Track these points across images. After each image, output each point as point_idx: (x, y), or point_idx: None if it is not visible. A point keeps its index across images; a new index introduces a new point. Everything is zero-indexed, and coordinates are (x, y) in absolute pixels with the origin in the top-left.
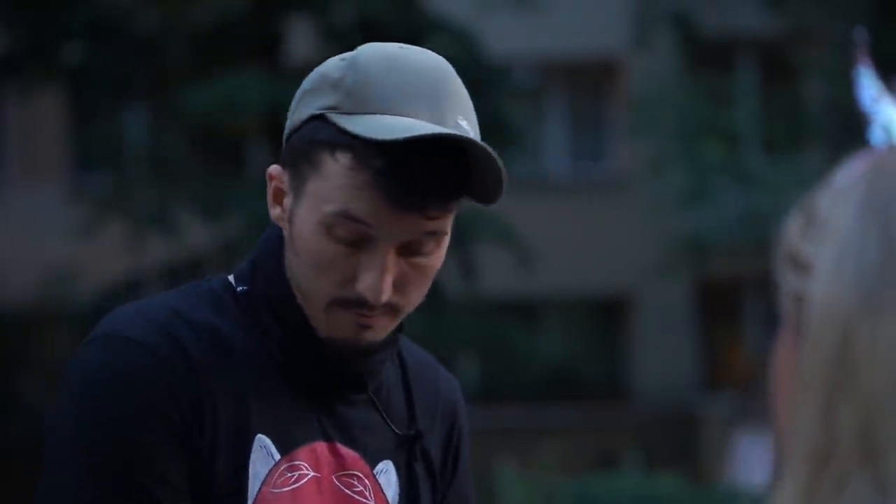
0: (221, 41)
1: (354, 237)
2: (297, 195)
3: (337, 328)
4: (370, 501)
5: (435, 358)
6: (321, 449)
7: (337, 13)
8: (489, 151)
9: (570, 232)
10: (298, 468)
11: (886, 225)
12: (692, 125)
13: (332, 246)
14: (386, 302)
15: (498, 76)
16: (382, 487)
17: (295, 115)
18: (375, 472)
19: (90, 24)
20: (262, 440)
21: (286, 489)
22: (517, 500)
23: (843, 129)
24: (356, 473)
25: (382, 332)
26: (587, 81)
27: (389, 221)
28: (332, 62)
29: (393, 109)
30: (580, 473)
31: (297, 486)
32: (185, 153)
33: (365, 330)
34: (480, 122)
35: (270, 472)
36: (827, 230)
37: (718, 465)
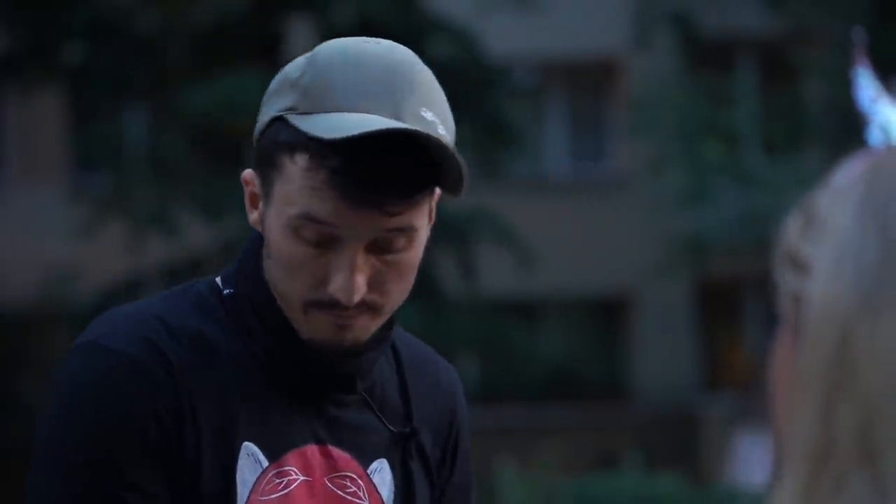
0: (221, 41)
1: (320, 238)
2: (266, 199)
3: (316, 330)
4: (364, 502)
5: (434, 350)
6: (312, 452)
7: (337, 13)
8: (444, 144)
9: (570, 232)
10: (287, 474)
11: (885, 225)
12: (692, 125)
13: (300, 248)
14: (362, 301)
15: (498, 76)
16: (377, 487)
17: (261, 117)
18: (369, 471)
19: (90, 24)
20: (248, 447)
21: (274, 496)
22: (517, 500)
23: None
24: (349, 475)
25: (364, 331)
26: (587, 81)
27: (351, 221)
28: (295, 61)
29: (350, 106)
30: (580, 473)
31: (285, 492)
32: (185, 153)
33: (344, 330)
34: (480, 122)
35: (258, 479)
36: (826, 230)
37: (718, 465)
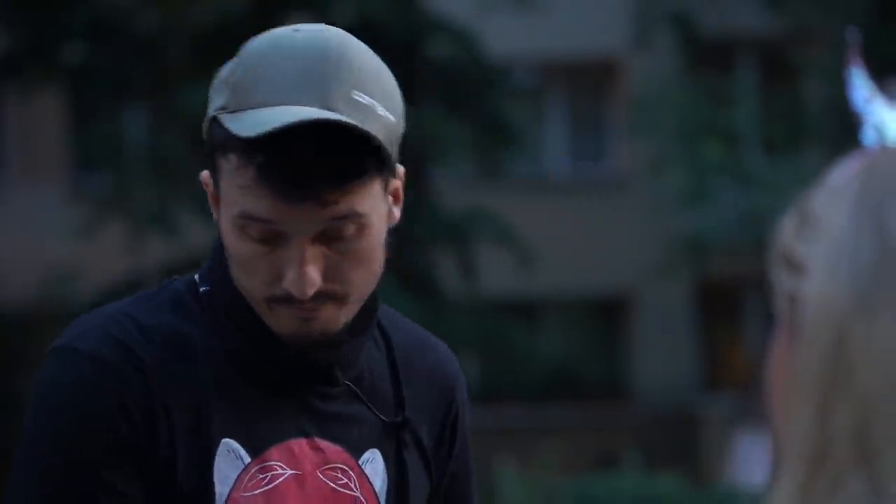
0: (221, 41)
1: (266, 235)
2: (216, 200)
3: (282, 324)
4: (356, 493)
5: (429, 332)
6: (300, 446)
7: (337, 13)
8: (362, 129)
9: (570, 232)
10: (271, 468)
11: (880, 225)
12: (692, 125)
13: (249, 246)
14: (322, 292)
15: (498, 76)
16: (369, 477)
17: (206, 118)
18: (361, 462)
19: (90, 24)
20: (228, 444)
21: (258, 491)
22: (517, 500)
23: (842, 129)
24: (340, 466)
25: (333, 321)
26: (587, 81)
27: (288, 215)
28: (231, 60)
29: (276, 99)
30: (580, 473)
31: (270, 486)
32: (185, 153)
33: (309, 322)
34: (480, 122)
35: (240, 475)
36: (821, 230)
37: (718, 465)
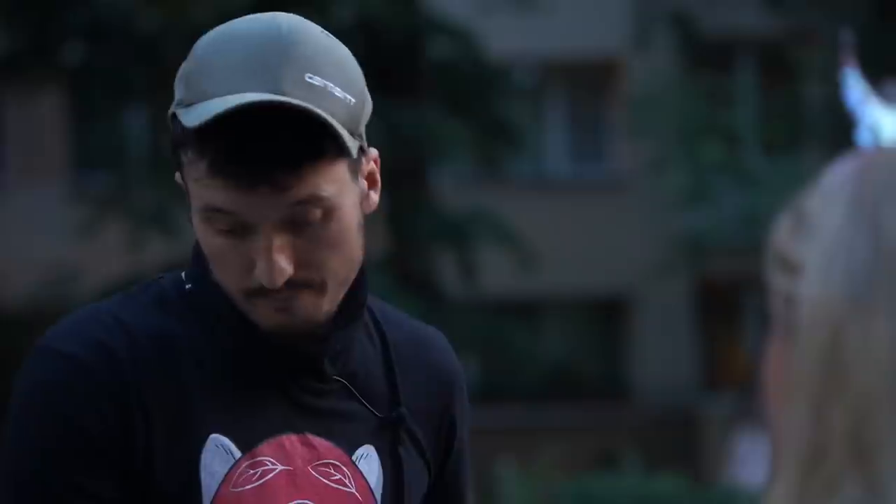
0: None
1: (231, 227)
2: (187, 196)
3: (262, 316)
4: (350, 489)
5: (426, 325)
6: (291, 441)
7: (337, 13)
8: (308, 109)
9: (570, 232)
10: (262, 464)
11: (875, 225)
12: (692, 125)
13: (219, 240)
14: (295, 281)
15: (498, 76)
16: (363, 473)
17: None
18: (354, 458)
19: (90, 24)
20: (217, 439)
21: (248, 487)
22: (517, 500)
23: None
24: (333, 462)
25: (314, 309)
26: (587, 81)
27: (247, 203)
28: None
29: (223, 89)
30: (580, 473)
31: (261, 482)
32: None
33: (287, 312)
34: (480, 122)
35: (230, 471)
36: (816, 231)
37: (718, 465)
